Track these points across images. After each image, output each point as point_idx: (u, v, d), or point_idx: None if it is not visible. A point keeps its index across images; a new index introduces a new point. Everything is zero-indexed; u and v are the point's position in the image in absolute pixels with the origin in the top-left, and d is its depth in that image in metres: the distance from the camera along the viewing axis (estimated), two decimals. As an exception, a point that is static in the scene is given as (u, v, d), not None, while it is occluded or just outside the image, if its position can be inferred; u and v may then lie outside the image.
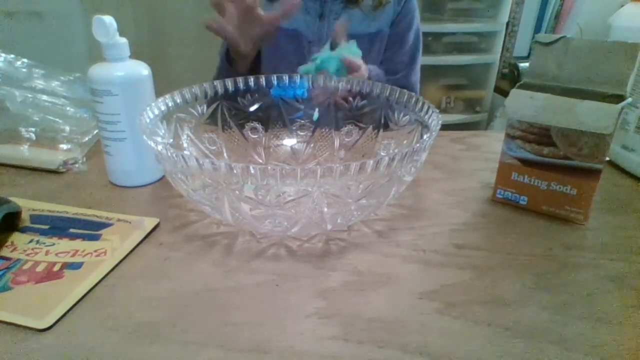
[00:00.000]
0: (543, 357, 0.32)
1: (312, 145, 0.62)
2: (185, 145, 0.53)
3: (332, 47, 0.68)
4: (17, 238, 0.44)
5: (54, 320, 0.34)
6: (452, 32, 1.79)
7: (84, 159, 0.60)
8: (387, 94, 0.56)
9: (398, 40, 0.90)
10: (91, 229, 0.45)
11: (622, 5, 0.64)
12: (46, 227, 0.46)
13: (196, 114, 0.55)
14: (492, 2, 1.79)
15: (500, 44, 1.84)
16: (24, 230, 0.45)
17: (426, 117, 0.49)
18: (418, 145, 0.39)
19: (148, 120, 0.46)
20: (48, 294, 0.37)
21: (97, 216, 0.47)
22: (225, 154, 0.57)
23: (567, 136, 0.46)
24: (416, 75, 0.94)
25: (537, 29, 1.96)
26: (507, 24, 1.83)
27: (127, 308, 0.36)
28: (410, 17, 0.91)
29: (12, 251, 0.42)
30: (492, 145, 0.69)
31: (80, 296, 0.37)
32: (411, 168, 0.42)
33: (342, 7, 0.86)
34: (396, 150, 0.51)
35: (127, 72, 0.50)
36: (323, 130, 0.62)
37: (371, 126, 0.58)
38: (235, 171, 0.36)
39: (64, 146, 0.60)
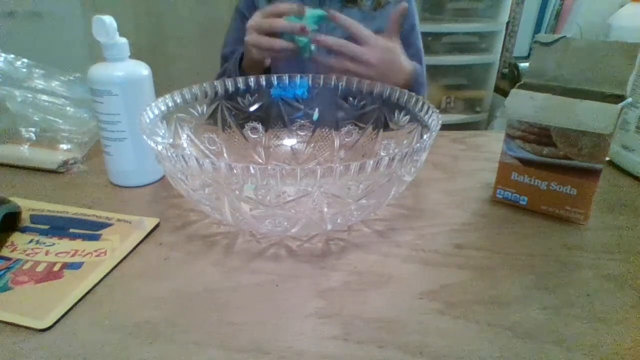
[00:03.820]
0: (543, 357, 0.32)
1: (312, 145, 0.62)
2: (185, 145, 0.53)
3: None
4: (17, 238, 0.44)
5: (54, 320, 0.34)
6: (452, 32, 1.79)
7: (84, 159, 0.60)
8: (387, 94, 0.56)
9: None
10: (91, 229, 0.45)
11: (622, 5, 0.64)
12: (46, 227, 0.46)
13: (196, 114, 0.55)
14: (492, 2, 1.79)
15: (500, 44, 1.84)
16: (24, 230, 0.45)
17: (426, 117, 0.49)
18: (418, 145, 0.39)
19: (148, 120, 0.46)
20: (48, 294, 0.37)
21: (97, 216, 0.47)
22: (225, 154, 0.57)
23: (567, 136, 0.46)
24: (424, 77, 0.94)
25: (537, 29, 1.96)
26: (507, 24, 1.83)
27: (127, 308, 0.36)
28: (411, 19, 0.91)
29: (12, 251, 0.42)
30: (492, 145, 0.69)
31: (80, 296, 0.37)
32: (411, 168, 0.42)
33: (341, 6, 0.86)
34: (396, 150, 0.51)
35: (127, 72, 0.50)
36: (323, 130, 0.62)
37: (371, 126, 0.58)
38: (235, 171, 0.36)
39: (64, 146, 0.60)
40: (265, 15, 0.65)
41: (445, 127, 0.54)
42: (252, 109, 0.60)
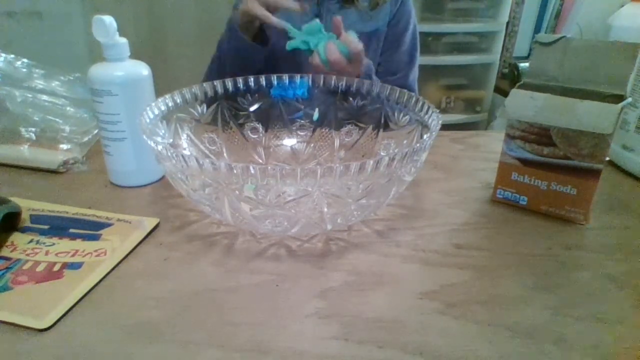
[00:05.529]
0: (543, 357, 0.32)
1: (312, 145, 0.62)
2: (185, 145, 0.53)
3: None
4: (17, 238, 0.44)
5: (54, 320, 0.34)
6: (452, 32, 1.79)
7: (84, 159, 0.60)
8: (387, 94, 0.56)
9: (395, 41, 0.91)
10: (91, 229, 0.45)
11: (622, 5, 0.64)
12: (46, 227, 0.46)
13: (196, 114, 0.55)
14: (492, 2, 1.79)
15: (500, 44, 1.84)
16: (24, 230, 0.45)
17: (426, 117, 0.49)
18: (418, 145, 0.39)
19: (148, 120, 0.46)
20: (48, 294, 0.37)
21: (97, 216, 0.47)
22: (225, 154, 0.57)
23: (567, 136, 0.46)
24: (414, 75, 0.94)
25: (537, 29, 1.96)
26: (507, 24, 1.83)
27: (127, 308, 0.36)
28: (406, 19, 0.91)
29: (12, 251, 0.42)
30: (492, 145, 0.69)
31: (80, 296, 0.37)
32: (411, 168, 0.42)
33: (338, 6, 0.86)
34: (396, 150, 0.51)
35: (127, 72, 0.50)
36: (323, 130, 0.62)
37: (371, 126, 0.58)
38: (235, 171, 0.36)
39: (64, 146, 0.60)
40: None
41: (445, 127, 0.54)
42: (252, 109, 0.60)
